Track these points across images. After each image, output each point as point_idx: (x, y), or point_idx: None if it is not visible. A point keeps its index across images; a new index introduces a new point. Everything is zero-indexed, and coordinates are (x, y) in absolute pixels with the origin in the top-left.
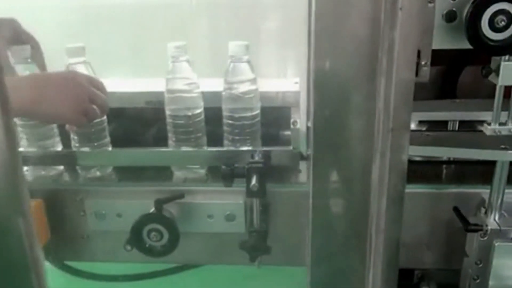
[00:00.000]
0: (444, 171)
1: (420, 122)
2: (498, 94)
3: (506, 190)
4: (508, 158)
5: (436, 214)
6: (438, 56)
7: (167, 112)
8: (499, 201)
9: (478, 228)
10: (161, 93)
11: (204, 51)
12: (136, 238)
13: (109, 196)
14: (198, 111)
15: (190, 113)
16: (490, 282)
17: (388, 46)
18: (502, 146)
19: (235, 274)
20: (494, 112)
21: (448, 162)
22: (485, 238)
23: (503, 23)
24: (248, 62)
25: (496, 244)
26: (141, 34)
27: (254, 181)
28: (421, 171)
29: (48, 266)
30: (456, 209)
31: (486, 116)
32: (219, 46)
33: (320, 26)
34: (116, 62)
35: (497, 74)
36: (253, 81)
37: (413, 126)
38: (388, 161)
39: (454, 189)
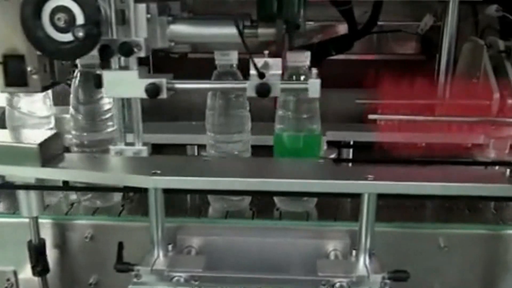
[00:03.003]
0: None
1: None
2: (117, 108)
3: None
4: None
5: None
6: None
7: None
8: None
9: (128, 268)
10: None
11: None
12: None
13: None
14: None
15: None
16: None
17: None
18: (153, 171)
19: None
20: (118, 130)
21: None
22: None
23: (63, 22)
24: None
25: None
26: None
27: None
28: None
29: None
30: (119, 244)
31: None
32: None
33: None
34: None
35: None
36: None
37: None
38: None
39: None
